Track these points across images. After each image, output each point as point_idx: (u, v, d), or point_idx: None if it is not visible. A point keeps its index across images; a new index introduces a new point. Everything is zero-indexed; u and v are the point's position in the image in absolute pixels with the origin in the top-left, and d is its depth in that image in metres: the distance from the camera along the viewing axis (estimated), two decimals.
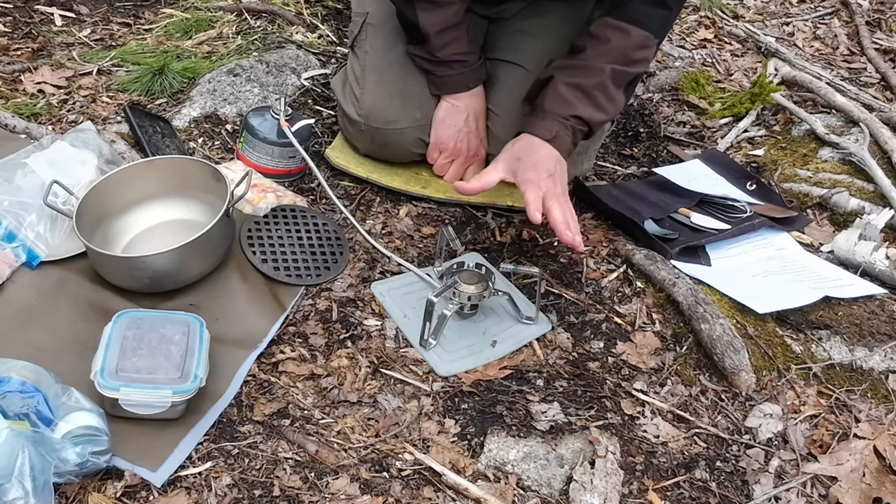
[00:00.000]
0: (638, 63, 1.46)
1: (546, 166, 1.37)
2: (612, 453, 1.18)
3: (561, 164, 1.41)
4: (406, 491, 1.11)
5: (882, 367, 1.36)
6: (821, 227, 1.67)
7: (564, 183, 1.41)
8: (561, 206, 1.35)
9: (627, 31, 1.42)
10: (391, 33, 1.58)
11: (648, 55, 1.47)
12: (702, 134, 1.99)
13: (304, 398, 1.22)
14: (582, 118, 1.42)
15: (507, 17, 1.65)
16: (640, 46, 1.44)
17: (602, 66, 1.42)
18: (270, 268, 1.39)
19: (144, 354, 1.12)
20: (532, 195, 1.34)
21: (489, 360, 1.32)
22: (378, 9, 1.60)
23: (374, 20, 1.61)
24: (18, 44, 1.90)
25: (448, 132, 1.59)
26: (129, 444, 1.08)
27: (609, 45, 1.42)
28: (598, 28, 1.44)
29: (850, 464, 1.19)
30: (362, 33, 1.62)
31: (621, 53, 1.43)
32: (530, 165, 1.37)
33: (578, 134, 1.44)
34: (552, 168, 1.38)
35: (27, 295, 1.27)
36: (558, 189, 1.37)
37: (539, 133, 1.40)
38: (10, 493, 0.92)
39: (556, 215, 1.33)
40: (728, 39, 2.45)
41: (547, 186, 1.35)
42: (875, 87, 2.24)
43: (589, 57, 1.43)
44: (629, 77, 1.47)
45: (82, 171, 1.40)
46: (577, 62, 1.44)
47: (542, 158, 1.38)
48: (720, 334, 1.32)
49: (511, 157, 1.40)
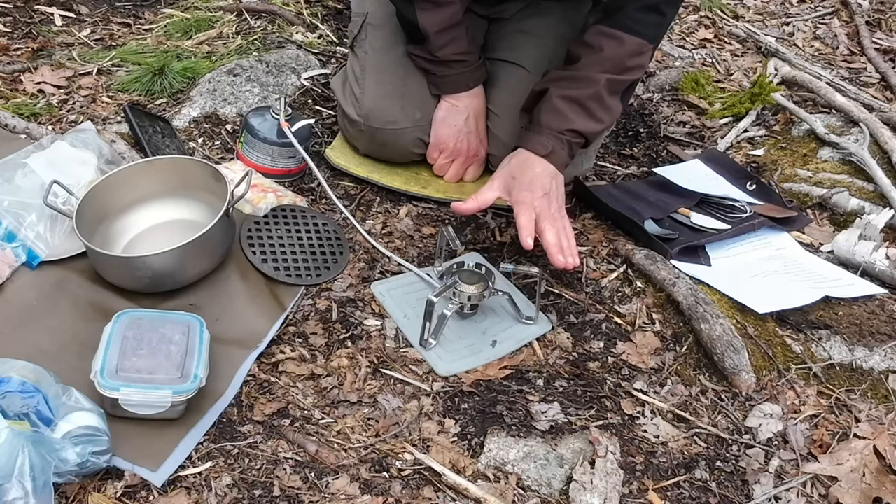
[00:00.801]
0: (633, 70, 1.46)
1: (541, 184, 1.37)
2: (612, 453, 1.18)
3: (557, 178, 1.41)
4: (406, 491, 1.11)
5: (882, 366, 1.36)
6: (821, 227, 1.67)
7: (561, 199, 1.40)
8: (554, 227, 1.34)
9: (621, 39, 1.41)
10: (391, 33, 1.58)
11: (644, 61, 1.47)
12: (702, 134, 1.99)
13: (304, 398, 1.22)
14: (578, 131, 1.42)
15: (506, 17, 1.65)
16: (635, 54, 1.43)
17: (596, 76, 1.41)
18: (270, 268, 1.39)
19: (144, 354, 1.12)
20: (524, 219, 1.33)
21: (489, 360, 1.32)
22: (378, 9, 1.60)
23: (373, 20, 1.61)
24: (18, 44, 1.90)
25: (448, 132, 1.59)
26: (129, 444, 1.08)
27: (602, 55, 1.42)
28: (592, 36, 1.44)
29: (850, 464, 1.19)
30: (362, 33, 1.62)
31: (615, 62, 1.42)
32: (525, 184, 1.37)
33: (575, 147, 1.44)
34: (547, 186, 1.37)
35: (27, 295, 1.27)
36: (553, 207, 1.36)
37: (534, 149, 1.40)
38: (10, 493, 0.92)
39: (548, 238, 1.33)
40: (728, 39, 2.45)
41: (541, 206, 1.34)
42: (875, 87, 2.24)
43: (583, 67, 1.43)
44: (624, 85, 1.47)
45: (82, 171, 1.40)
46: (571, 73, 1.44)
47: (537, 176, 1.38)
48: (720, 334, 1.32)
49: (507, 175, 1.40)
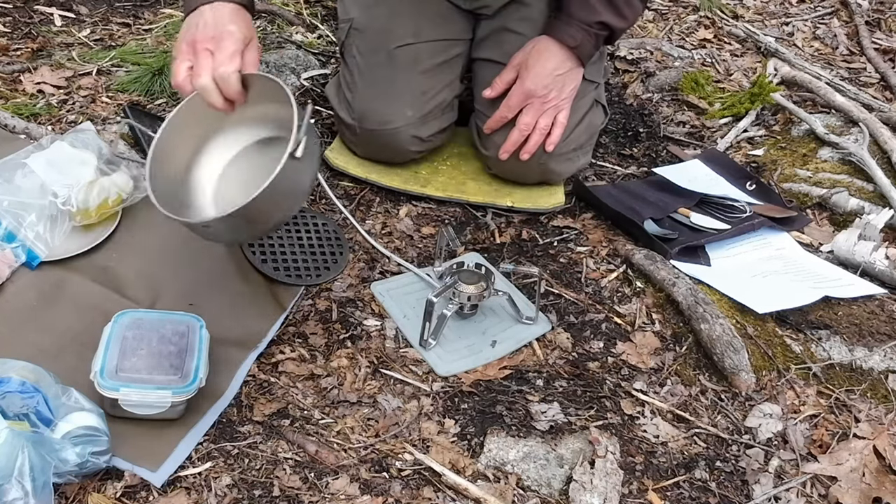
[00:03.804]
0: None
1: (544, 83, 1.47)
2: (611, 453, 1.18)
3: (571, 74, 1.49)
4: (406, 491, 1.11)
5: (882, 366, 1.36)
6: (820, 227, 1.67)
7: (569, 93, 1.51)
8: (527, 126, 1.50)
9: None
10: (377, 36, 1.60)
11: None
12: (701, 134, 1.99)
13: (304, 398, 1.22)
14: (606, 24, 1.47)
15: (490, 14, 1.65)
16: None
17: None
18: (270, 268, 1.39)
19: (144, 354, 1.12)
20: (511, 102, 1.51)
21: (489, 360, 1.32)
22: (362, 13, 1.62)
23: (359, 25, 1.62)
24: (18, 44, 1.91)
25: (183, 36, 1.25)
26: (129, 444, 1.08)
27: None
28: None
29: (849, 464, 1.19)
30: (349, 39, 1.63)
31: None
32: (529, 77, 1.47)
33: (600, 41, 1.50)
34: (552, 84, 1.48)
35: (27, 295, 1.27)
36: (548, 105, 1.49)
37: (563, 39, 1.46)
38: (9, 494, 0.92)
39: (514, 134, 1.49)
40: (728, 39, 2.45)
41: (534, 105, 1.48)
42: (874, 87, 2.24)
43: None
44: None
45: (82, 172, 1.40)
46: None
47: (547, 73, 1.47)
48: (720, 334, 1.32)
49: (523, 59, 1.50)
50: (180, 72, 1.20)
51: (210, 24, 1.21)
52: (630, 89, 2.11)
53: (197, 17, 1.23)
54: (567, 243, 1.58)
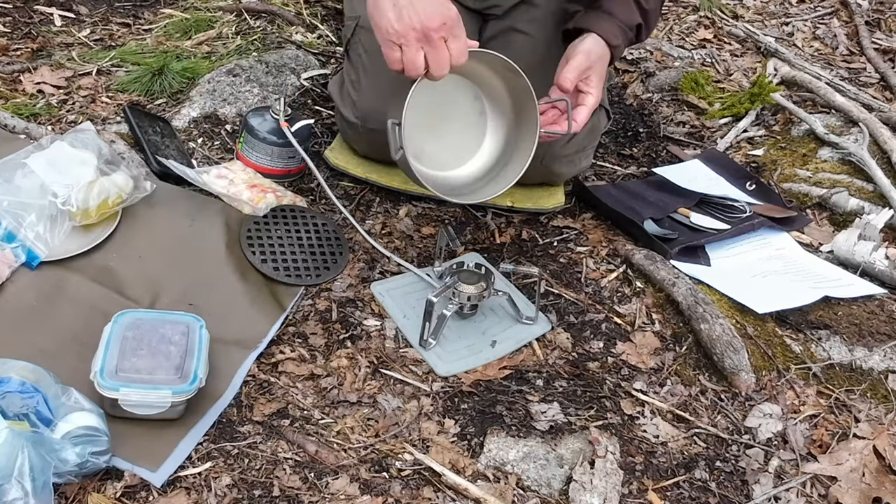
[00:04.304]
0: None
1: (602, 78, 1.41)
2: (611, 453, 1.18)
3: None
4: (406, 491, 1.11)
5: (882, 366, 1.36)
6: (820, 227, 1.67)
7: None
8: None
9: None
10: None
11: None
12: (701, 134, 1.99)
13: (304, 398, 1.22)
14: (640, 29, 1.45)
15: (499, 14, 1.65)
16: None
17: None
18: (270, 268, 1.39)
19: (144, 354, 1.12)
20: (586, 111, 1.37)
21: (489, 360, 1.32)
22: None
23: (366, 23, 1.60)
24: (18, 44, 1.90)
25: (383, 19, 1.21)
26: (129, 444, 1.08)
27: None
28: None
29: (849, 464, 1.19)
30: (355, 36, 1.62)
31: None
32: (595, 80, 1.39)
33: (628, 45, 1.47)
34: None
35: (27, 295, 1.27)
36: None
37: (607, 37, 1.40)
38: (9, 494, 0.92)
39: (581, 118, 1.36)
40: (727, 39, 2.45)
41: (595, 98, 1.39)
42: (874, 87, 2.24)
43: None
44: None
45: (82, 172, 1.40)
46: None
47: (604, 71, 1.41)
48: (720, 334, 1.32)
49: (588, 62, 1.39)
50: (418, 61, 1.20)
51: (430, 3, 1.18)
52: (630, 89, 2.12)
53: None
54: (567, 243, 1.58)
